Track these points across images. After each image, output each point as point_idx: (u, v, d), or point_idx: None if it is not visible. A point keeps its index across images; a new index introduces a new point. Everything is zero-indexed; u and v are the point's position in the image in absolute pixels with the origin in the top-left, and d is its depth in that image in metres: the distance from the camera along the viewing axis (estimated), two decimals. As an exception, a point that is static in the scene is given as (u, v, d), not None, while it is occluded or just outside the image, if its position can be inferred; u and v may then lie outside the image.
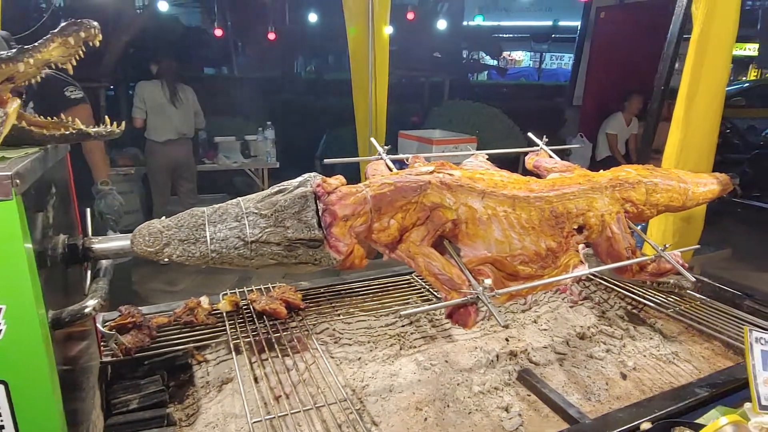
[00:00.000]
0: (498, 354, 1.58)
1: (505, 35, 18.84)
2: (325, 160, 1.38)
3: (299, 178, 1.07)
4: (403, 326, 1.71)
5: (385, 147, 1.44)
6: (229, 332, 1.41)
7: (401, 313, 0.98)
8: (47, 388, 0.76)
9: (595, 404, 1.43)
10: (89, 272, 0.96)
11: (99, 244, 0.95)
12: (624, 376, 1.55)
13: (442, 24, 9.12)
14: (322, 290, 1.70)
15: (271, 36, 8.14)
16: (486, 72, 15.37)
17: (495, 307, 1.04)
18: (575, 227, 1.35)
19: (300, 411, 1.24)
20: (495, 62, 13.88)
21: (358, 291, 1.73)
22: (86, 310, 0.83)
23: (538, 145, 1.71)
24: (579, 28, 8.37)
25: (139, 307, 1.45)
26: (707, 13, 1.86)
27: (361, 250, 1.09)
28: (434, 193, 1.16)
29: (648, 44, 3.77)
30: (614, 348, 1.68)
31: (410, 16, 6.00)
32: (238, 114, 6.06)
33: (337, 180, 1.11)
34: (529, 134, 1.77)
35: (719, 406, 1.17)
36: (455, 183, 1.19)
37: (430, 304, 1.21)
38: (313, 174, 1.09)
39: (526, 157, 1.70)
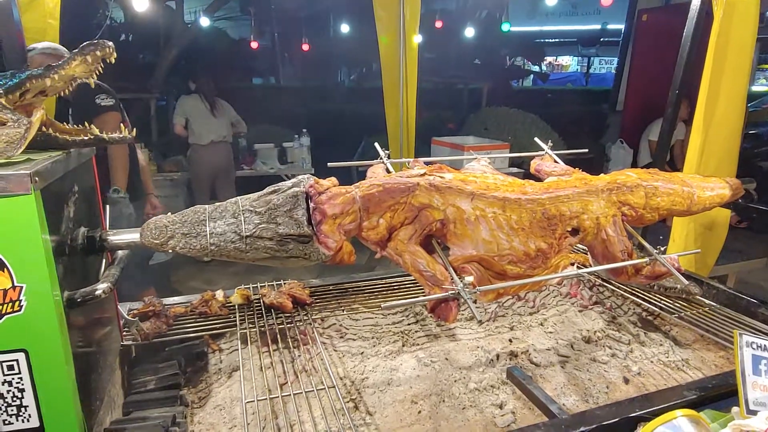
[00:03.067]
0: (498, 354, 1.61)
1: (550, 40, 18.52)
2: (328, 164, 1.47)
3: (294, 179, 1.17)
4: (408, 324, 1.78)
5: (386, 151, 1.52)
6: (238, 324, 1.52)
7: (382, 305, 1.05)
8: (60, 356, 0.88)
9: (592, 406, 1.43)
10: (104, 261, 1.08)
11: (113, 236, 1.08)
12: (626, 381, 1.54)
13: (481, 30, 9.10)
14: (330, 288, 1.78)
15: (314, 47, 8.42)
16: (532, 78, 15.17)
17: (474, 303, 1.09)
18: (569, 229, 1.37)
19: (301, 393, 1.32)
20: (537, 68, 13.69)
21: (365, 289, 1.80)
22: (96, 292, 0.95)
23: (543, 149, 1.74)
24: (623, 31, 8.17)
25: (161, 298, 1.58)
26: (725, 12, 1.82)
27: (349, 247, 1.17)
28: (422, 194, 1.22)
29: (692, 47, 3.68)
30: (620, 353, 1.67)
31: (439, 24, 6.05)
32: (280, 121, 6.31)
33: (329, 181, 1.20)
34: (536, 139, 1.80)
35: (708, 410, 1.16)
36: (444, 185, 1.25)
37: (412, 298, 1.27)
38: (307, 176, 1.18)
39: (531, 162, 1.73)
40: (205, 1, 6.83)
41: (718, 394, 1.18)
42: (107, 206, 1.17)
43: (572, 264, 1.35)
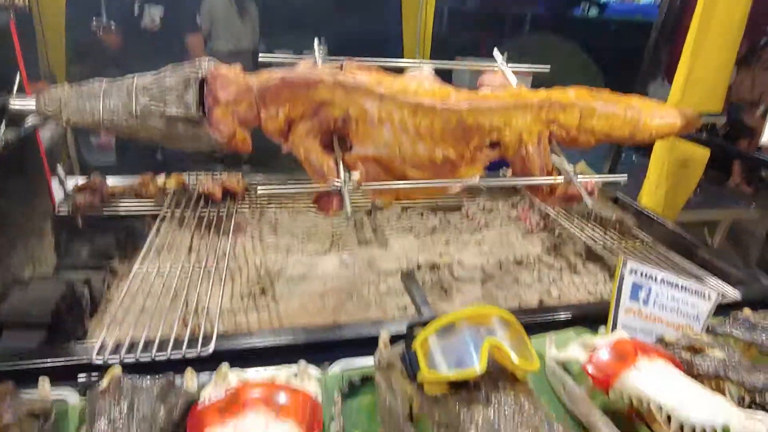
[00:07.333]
0: (420, 264, 1.64)
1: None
2: (260, 56, 1.45)
3: (194, 62, 1.17)
4: (346, 228, 1.82)
5: (322, 46, 1.48)
6: (167, 207, 1.60)
7: (259, 188, 1.09)
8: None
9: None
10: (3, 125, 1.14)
11: (14, 103, 1.14)
12: (541, 303, 1.56)
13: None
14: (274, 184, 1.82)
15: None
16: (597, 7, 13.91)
17: (350, 199, 1.11)
18: (488, 142, 1.34)
19: (215, 275, 1.40)
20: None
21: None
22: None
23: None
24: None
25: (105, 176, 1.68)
26: None
27: (243, 135, 1.19)
28: (324, 90, 1.21)
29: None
30: (547, 277, 1.67)
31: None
32: (293, 31, 6.07)
33: (230, 69, 1.20)
34: (494, 51, 1.70)
35: (579, 328, 1.18)
36: (352, 84, 1.23)
37: (293, 186, 1.30)
38: (208, 59, 1.18)
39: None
40: None
41: (595, 317, 1.18)
42: (17, 73, 1.22)
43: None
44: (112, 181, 1.71)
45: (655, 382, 0.85)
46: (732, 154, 1.95)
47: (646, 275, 1.14)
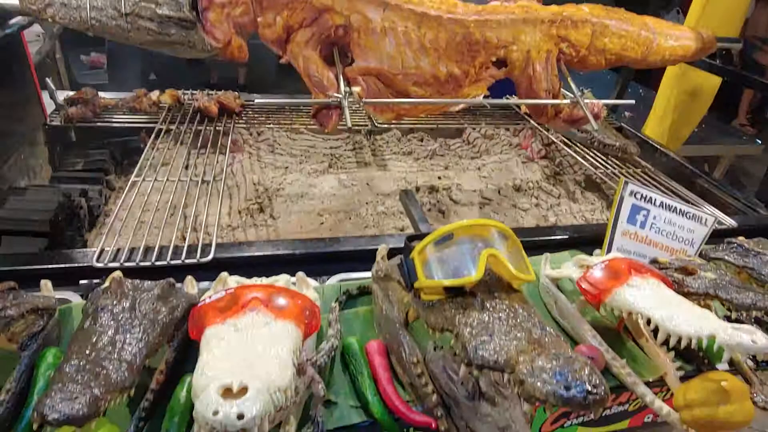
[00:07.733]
0: (419, 186, 1.64)
1: None
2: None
3: (185, -40, 1.09)
4: (344, 150, 1.79)
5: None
6: (166, 123, 1.56)
7: (256, 100, 1.05)
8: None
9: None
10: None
11: (-5, -1, 1.07)
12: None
13: None
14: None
15: None
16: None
17: (350, 112, 1.07)
18: (494, 59, 1.29)
19: (213, 190, 1.38)
20: None
21: (304, 110, 1.78)
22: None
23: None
24: None
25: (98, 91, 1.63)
26: None
27: (239, 41, 1.14)
28: (325, -6, 1.14)
29: None
30: (545, 203, 1.67)
31: None
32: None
33: (225, -33, 1.12)
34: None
35: (574, 251, 1.19)
36: (354, -11, 1.16)
37: (291, 98, 1.26)
38: (200, -43, 1.10)
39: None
40: None
41: (591, 240, 1.19)
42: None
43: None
44: (105, 95, 1.65)
45: (645, 298, 0.87)
46: (746, 82, 1.87)
47: (645, 198, 1.14)
